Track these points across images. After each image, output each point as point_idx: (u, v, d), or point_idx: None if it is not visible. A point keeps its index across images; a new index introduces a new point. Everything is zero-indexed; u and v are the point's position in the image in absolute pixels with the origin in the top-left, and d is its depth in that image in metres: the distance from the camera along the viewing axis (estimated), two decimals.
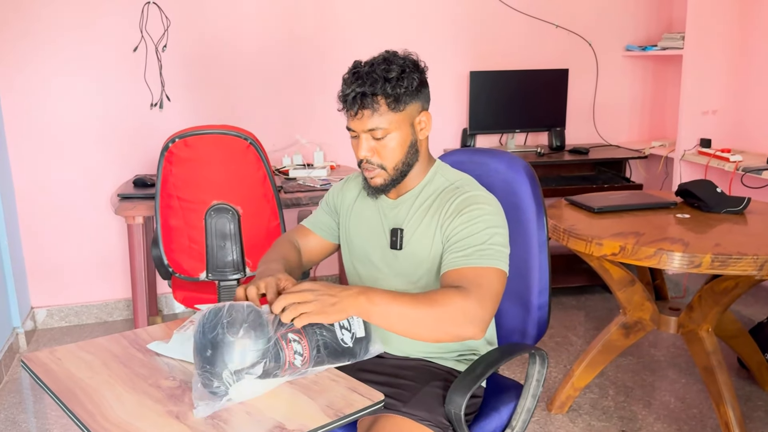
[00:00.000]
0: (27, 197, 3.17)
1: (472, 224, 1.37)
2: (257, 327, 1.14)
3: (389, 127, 1.40)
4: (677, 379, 2.69)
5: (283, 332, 1.17)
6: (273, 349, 1.15)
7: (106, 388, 1.20)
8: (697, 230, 2.13)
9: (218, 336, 1.13)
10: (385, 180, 1.45)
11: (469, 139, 3.61)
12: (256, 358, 1.13)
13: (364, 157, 1.43)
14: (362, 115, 1.40)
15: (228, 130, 2.19)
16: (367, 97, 1.38)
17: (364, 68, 1.40)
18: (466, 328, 1.25)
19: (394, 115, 1.40)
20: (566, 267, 3.67)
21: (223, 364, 1.12)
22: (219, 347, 1.12)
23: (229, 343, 1.12)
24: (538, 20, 3.71)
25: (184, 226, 2.30)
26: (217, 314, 1.15)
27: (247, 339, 1.12)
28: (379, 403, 1.16)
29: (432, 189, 1.48)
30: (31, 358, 1.33)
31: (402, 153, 1.43)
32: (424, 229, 1.45)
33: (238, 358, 1.12)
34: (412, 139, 1.44)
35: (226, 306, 1.16)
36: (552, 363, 2.82)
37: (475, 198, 1.41)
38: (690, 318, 2.30)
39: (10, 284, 2.99)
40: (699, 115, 3.52)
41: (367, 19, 3.45)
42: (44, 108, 3.11)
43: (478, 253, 1.35)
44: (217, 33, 3.28)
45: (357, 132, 1.43)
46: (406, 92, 1.40)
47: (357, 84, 1.39)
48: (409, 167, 1.46)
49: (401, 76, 1.39)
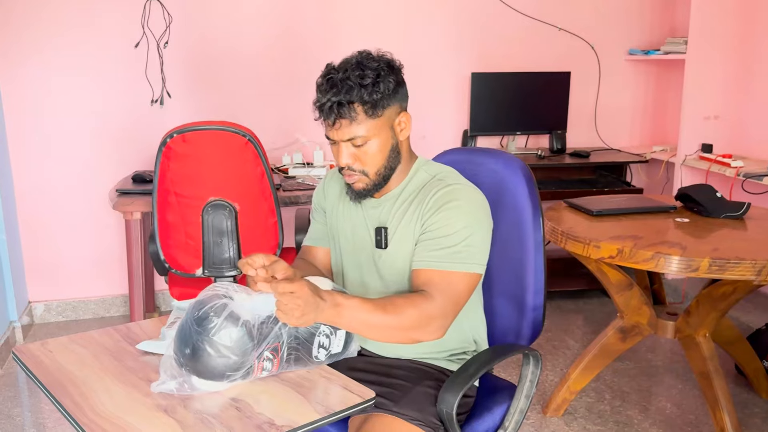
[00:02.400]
0: (26, 192, 3.16)
1: (448, 223, 1.37)
2: (241, 351, 1.14)
3: (368, 134, 1.38)
4: (674, 385, 2.67)
5: (262, 350, 1.18)
6: (248, 368, 1.17)
7: (95, 381, 1.20)
8: (696, 234, 2.12)
9: (201, 349, 1.13)
10: (367, 185, 1.44)
11: (469, 141, 3.60)
12: (229, 377, 1.15)
13: (345, 165, 1.41)
14: (340, 124, 1.37)
15: (226, 126, 2.19)
16: (344, 106, 1.34)
17: (338, 74, 1.36)
18: (427, 334, 1.32)
19: (372, 121, 1.37)
20: (565, 270, 3.66)
21: (196, 371, 1.14)
22: (200, 359, 1.14)
23: (209, 363, 1.13)
24: (541, 23, 3.70)
25: (181, 222, 2.29)
26: (210, 321, 1.14)
27: (229, 363, 1.14)
28: (370, 400, 1.16)
29: (414, 185, 1.47)
30: (22, 350, 1.32)
31: (383, 158, 1.42)
32: (406, 225, 1.44)
33: (210, 375, 1.14)
34: (392, 142, 1.42)
35: (222, 316, 1.15)
36: (548, 366, 2.81)
37: (456, 192, 1.40)
38: (687, 323, 2.29)
39: (8, 278, 2.99)
40: (701, 120, 3.51)
41: (368, 19, 3.45)
42: (45, 103, 3.11)
43: (451, 255, 1.35)
44: (219, 30, 3.27)
45: (336, 140, 1.40)
46: (383, 97, 1.37)
47: (332, 93, 1.35)
48: (391, 170, 1.45)
49: (377, 81, 1.35)
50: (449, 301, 1.33)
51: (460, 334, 1.51)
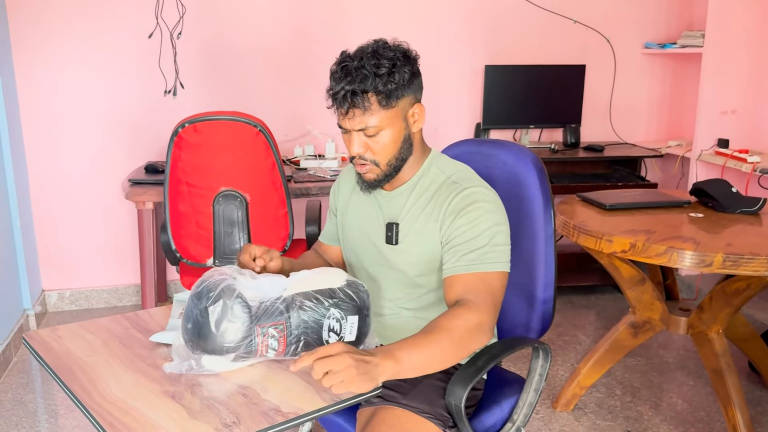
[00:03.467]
0: (41, 181, 3.19)
1: (473, 226, 1.36)
2: (239, 321, 1.16)
3: (381, 124, 1.36)
4: (686, 381, 2.65)
5: (264, 326, 1.18)
6: (249, 342, 1.17)
7: (104, 367, 1.20)
8: (710, 229, 2.09)
9: (201, 321, 1.16)
10: (378, 175, 1.42)
11: (482, 134, 3.58)
12: (230, 349, 1.16)
13: (356, 154, 1.40)
14: (353, 113, 1.35)
15: (238, 117, 2.19)
16: (358, 95, 1.33)
17: (353, 63, 1.34)
18: (481, 341, 1.31)
19: (385, 111, 1.36)
20: (578, 266, 3.64)
21: (198, 347, 1.16)
22: (200, 331, 1.16)
23: (208, 334, 1.15)
24: (556, 15, 3.67)
25: (192, 211, 2.30)
26: (208, 294, 1.17)
27: (226, 334, 1.15)
28: (377, 389, 1.15)
29: (428, 181, 1.46)
30: (33, 336, 1.33)
31: (395, 148, 1.40)
32: (422, 225, 1.42)
33: (211, 347, 1.15)
34: (405, 133, 1.41)
35: (219, 289, 1.17)
36: (559, 361, 2.80)
37: (474, 195, 1.39)
38: (700, 319, 2.26)
39: (22, 267, 3.02)
40: (717, 115, 3.46)
41: (381, 10, 3.44)
42: (59, 93, 3.13)
43: (481, 257, 1.35)
44: (232, 21, 3.28)
45: (348, 129, 1.39)
46: (398, 87, 1.35)
47: (346, 81, 1.33)
48: (402, 161, 1.43)
49: (392, 71, 1.34)
50: (490, 301, 1.33)
51: None
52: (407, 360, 1.19)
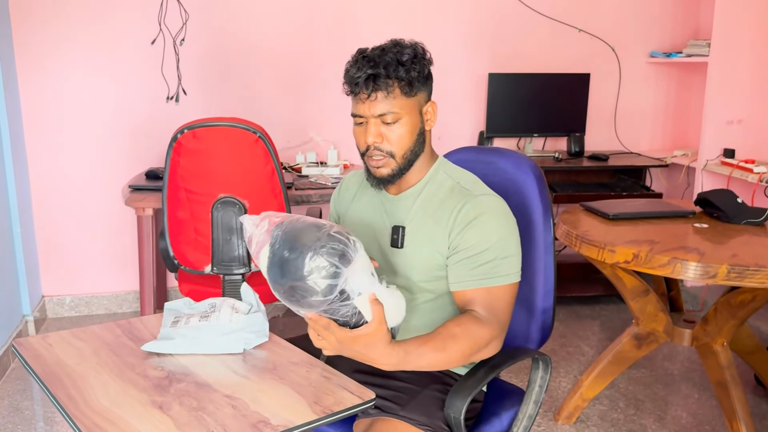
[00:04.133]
0: (42, 187, 3.18)
1: (483, 237, 1.35)
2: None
3: (401, 112, 1.36)
4: (690, 394, 2.61)
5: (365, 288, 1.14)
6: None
7: (92, 376, 1.18)
8: (715, 240, 2.06)
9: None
10: (393, 170, 1.40)
11: (486, 142, 3.56)
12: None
13: (372, 143, 1.37)
14: (375, 97, 1.34)
15: (237, 123, 2.18)
16: (381, 78, 1.33)
17: (374, 52, 1.36)
18: (487, 351, 1.33)
19: (406, 100, 1.36)
20: (581, 276, 3.61)
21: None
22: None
23: None
24: (561, 23, 3.65)
25: (190, 218, 2.28)
26: None
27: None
28: (370, 401, 1.13)
29: (435, 186, 1.44)
30: (22, 342, 1.31)
31: (411, 140, 1.39)
32: (429, 231, 1.40)
33: None
34: (420, 127, 1.41)
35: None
36: (562, 372, 2.76)
37: (484, 205, 1.37)
38: (705, 331, 2.23)
39: (22, 272, 3.01)
40: (723, 124, 3.43)
41: (385, 17, 3.43)
42: (61, 99, 3.13)
43: (491, 270, 1.35)
44: (236, 28, 3.27)
45: (365, 117, 1.37)
46: (419, 77, 1.37)
47: (369, 66, 1.33)
48: (416, 156, 1.42)
49: (414, 60, 1.36)
50: (499, 316, 1.35)
51: None
52: (414, 363, 1.24)
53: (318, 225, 1.14)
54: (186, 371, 1.21)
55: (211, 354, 1.27)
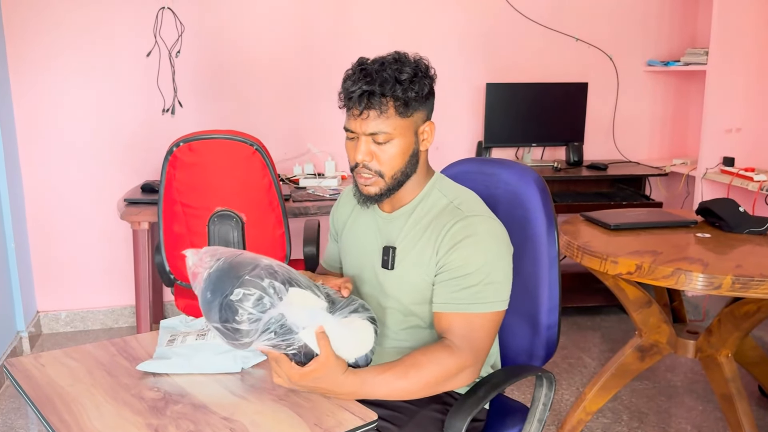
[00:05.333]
0: (37, 201, 3.15)
1: (469, 260, 1.30)
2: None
3: (393, 133, 1.31)
4: (694, 406, 2.58)
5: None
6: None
7: (86, 397, 1.15)
8: (718, 250, 2.03)
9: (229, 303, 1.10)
10: (380, 189, 1.36)
11: (484, 152, 3.54)
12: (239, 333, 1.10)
13: (360, 162, 1.33)
14: (367, 115, 1.30)
15: (233, 135, 2.15)
16: (375, 96, 1.28)
17: (373, 66, 1.31)
18: (457, 381, 1.29)
19: (400, 120, 1.31)
20: (582, 286, 3.58)
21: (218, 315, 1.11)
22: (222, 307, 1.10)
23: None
24: (558, 33, 3.65)
25: (187, 232, 2.25)
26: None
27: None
28: (372, 423, 1.10)
29: (428, 205, 1.39)
30: (14, 363, 1.28)
31: (402, 162, 1.34)
32: (419, 252, 1.36)
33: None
34: (414, 148, 1.36)
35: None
36: (564, 385, 2.72)
37: (472, 226, 1.32)
38: (708, 342, 2.20)
39: (16, 288, 2.97)
40: (722, 132, 3.42)
41: (381, 30, 3.41)
42: (57, 111, 3.10)
43: (473, 296, 1.29)
44: (231, 40, 3.25)
45: (357, 133, 1.33)
46: (416, 98, 1.31)
47: (365, 82, 1.28)
48: (406, 177, 1.37)
49: (413, 79, 1.30)
50: (475, 346, 1.29)
51: None
52: (369, 391, 1.20)
53: (241, 266, 1.12)
54: (182, 392, 1.17)
55: (208, 374, 1.24)
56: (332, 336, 1.16)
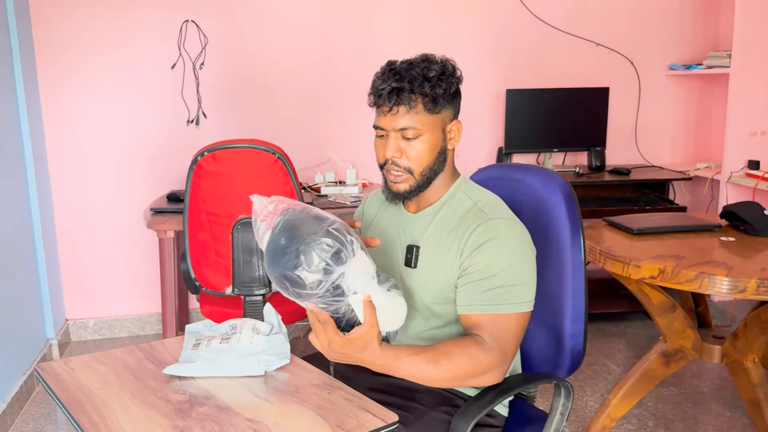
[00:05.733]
0: (65, 211, 3.22)
1: (493, 262, 1.31)
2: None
3: (422, 128, 1.35)
4: (721, 413, 2.54)
5: None
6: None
7: (114, 400, 1.18)
8: (742, 254, 2.01)
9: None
10: (410, 186, 1.39)
11: (504, 158, 3.54)
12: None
13: (390, 158, 1.37)
14: (396, 111, 1.34)
15: (256, 144, 2.19)
16: (404, 93, 1.32)
17: (402, 65, 1.36)
18: (485, 379, 1.30)
19: (428, 116, 1.35)
20: (607, 292, 3.55)
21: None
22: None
23: None
24: (579, 38, 3.64)
25: (211, 240, 2.29)
26: None
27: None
28: (393, 424, 1.11)
29: (453, 206, 1.42)
30: (45, 367, 1.31)
31: (430, 158, 1.37)
32: (442, 252, 1.38)
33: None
34: (442, 145, 1.39)
35: None
36: (588, 392, 2.71)
37: (498, 228, 1.34)
38: (734, 347, 2.17)
39: (46, 296, 3.03)
40: (746, 135, 3.38)
41: (402, 38, 3.44)
42: (84, 123, 3.18)
43: (499, 297, 1.31)
44: (254, 51, 3.30)
45: (386, 130, 1.36)
46: (444, 95, 1.35)
47: (394, 79, 1.33)
48: (435, 174, 1.40)
49: (441, 77, 1.35)
50: (503, 345, 1.30)
51: None
52: (402, 370, 1.23)
53: (320, 218, 1.14)
54: (207, 394, 1.20)
55: (233, 377, 1.26)
56: (376, 306, 1.17)
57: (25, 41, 2.93)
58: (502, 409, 1.46)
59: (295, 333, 3.32)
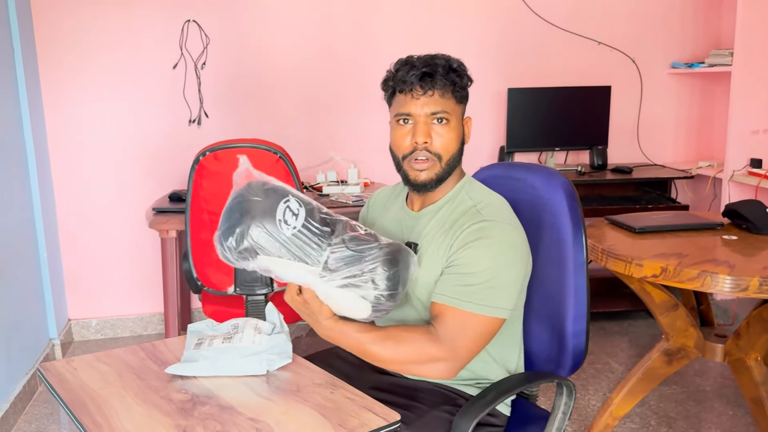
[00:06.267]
0: (67, 211, 3.22)
1: (475, 260, 1.30)
2: None
3: (452, 114, 1.36)
4: (724, 411, 2.54)
5: None
6: None
7: (117, 400, 1.18)
8: (745, 252, 2.01)
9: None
10: (436, 174, 1.38)
11: (506, 157, 3.54)
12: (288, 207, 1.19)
13: (421, 143, 1.35)
14: (432, 94, 1.33)
15: (257, 144, 2.19)
16: (438, 76, 1.33)
17: (421, 57, 1.36)
18: (430, 370, 1.29)
19: (455, 105, 1.38)
20: (609, 290, 3.54)
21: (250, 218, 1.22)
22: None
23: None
24: (580, 37, 3.64)
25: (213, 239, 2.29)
26: None
27: None
28: (395, 424, 1.11)
29: (453, 206, 1.41)
30: (48, 367, 1.32)
31: (456, 147, 1.39)
32: (434, 250, 1.38)
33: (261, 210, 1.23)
34: (462, 137, 1.41)
35: None
36: (591, 390, 2.71)
37: (487, 229, 1.32)
38: (737, 346, 2.17)
39: (48, 296, 3.04)
40: (748, 134, 3.38)
41: (402, 38, 3.44)
42: (86, 123, 3.18)
43: (469, 295, 1.29)
44: (255, 51, 3.30)
45: (415, 116, 1.35)
46: (465, 87, 1.39)
47: (423, 65, 1.33)
48: (455, 166, 1.41)
49: (462, 68, 1.38)
50: (457, 345, 1.27)
51: (486, 364, 1.44)
52: (345, 341, 1.27)
53: (264, 210, 1.24)
54: (210, 394, 1.20)
55: (235, 376, 1.27)
56: (323, 294, 1.22)
57: (27, 42, 2.93)
58: (504, 408, 1.46)
59: (297, 332, 3.32)
